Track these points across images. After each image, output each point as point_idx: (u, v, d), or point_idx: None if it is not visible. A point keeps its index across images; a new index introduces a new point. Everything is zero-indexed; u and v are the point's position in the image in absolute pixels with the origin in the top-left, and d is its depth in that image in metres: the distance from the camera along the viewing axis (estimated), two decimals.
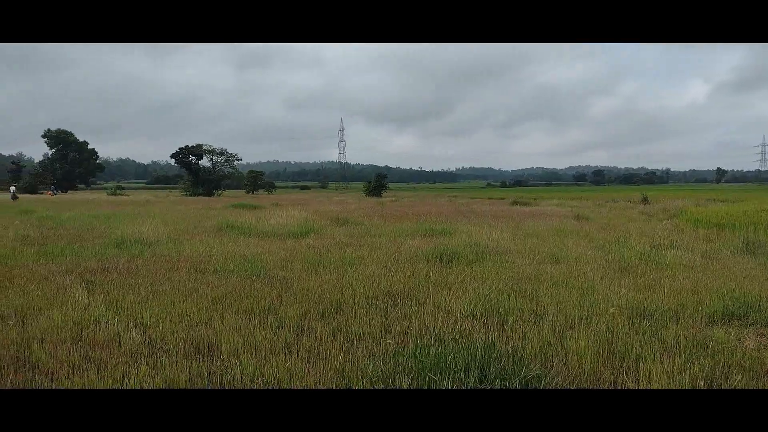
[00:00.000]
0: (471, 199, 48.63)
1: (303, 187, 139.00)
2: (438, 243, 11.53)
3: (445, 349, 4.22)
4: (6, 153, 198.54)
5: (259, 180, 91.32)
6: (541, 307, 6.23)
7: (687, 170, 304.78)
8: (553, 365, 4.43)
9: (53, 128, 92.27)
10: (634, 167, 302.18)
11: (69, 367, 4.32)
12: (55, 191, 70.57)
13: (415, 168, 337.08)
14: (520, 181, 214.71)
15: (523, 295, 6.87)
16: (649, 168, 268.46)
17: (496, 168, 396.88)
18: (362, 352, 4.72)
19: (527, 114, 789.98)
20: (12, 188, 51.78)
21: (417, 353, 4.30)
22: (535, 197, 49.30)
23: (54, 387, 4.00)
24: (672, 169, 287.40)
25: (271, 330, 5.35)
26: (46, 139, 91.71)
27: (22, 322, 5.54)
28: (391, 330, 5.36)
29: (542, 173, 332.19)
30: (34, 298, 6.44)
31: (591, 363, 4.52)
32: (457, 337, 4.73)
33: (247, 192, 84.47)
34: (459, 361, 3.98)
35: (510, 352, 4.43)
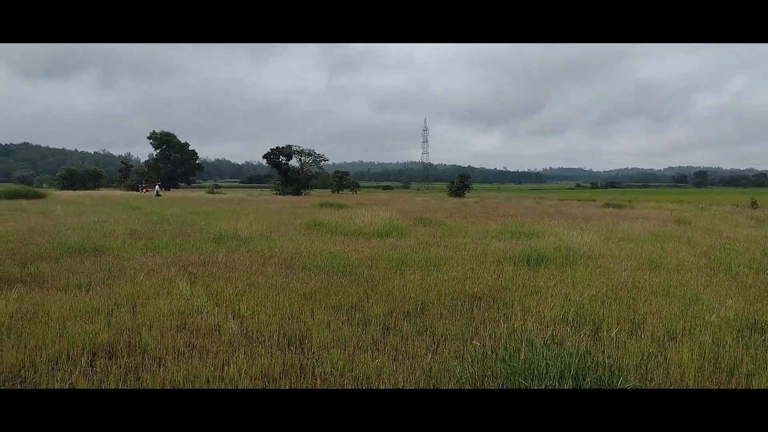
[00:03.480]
0: (559, 200, 46.89)
1: (386, 187, 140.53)
2: (525, 245, 11.23)
3: (536, 355, 4.11)
4: (116, 153, 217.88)
5: (344, 180, 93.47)
6: (638, 316, 5.89)
7: None
8: (653, 378, 4.19)
9: (158, 130, 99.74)
10: (741, 168, 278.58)
11: (175, 353, 4.64)
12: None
13: (500, 168, 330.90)
14: (613, 182, 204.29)
15: (619, 302, 6.53)
16: (759, 169, 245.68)
17: (587, 168, 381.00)
18: (449, 353, 4.70)
19: (623, 112, 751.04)
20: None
21: (506, 357, 4.22)
22: (629, 199, 46.70)
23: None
24: None
25: (359, 327, 5.46)
26: (151, 141, 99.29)
27: (133, 309, 6.02)
28: (477, 332, 5.29)
29: (638, 174, 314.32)
30: (142, 288, 6.98)
31: (695, 377, 4.23)
32: (548, 343, 4.58)
33: (333, 191, 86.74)
34: (551, 368, 3.86)
35: (606, 361, 4.23)
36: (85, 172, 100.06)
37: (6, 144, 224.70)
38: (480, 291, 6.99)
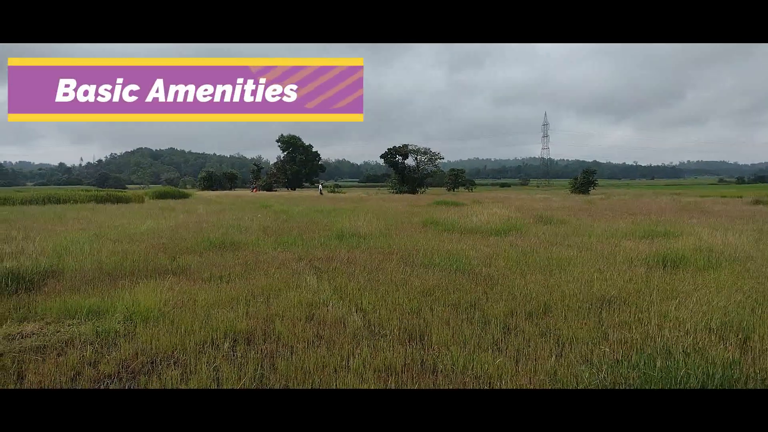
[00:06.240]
0: (699, 197, 42.60)
1: (503, 185, 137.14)
2: (660, 246, 10.39)
3: (674, 363, 3.80)
4: (249, 156, 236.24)
5: (459, 178, 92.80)
6: None
7: None
8: None
9: (285, 134, 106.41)
10: None
11: (305, 342, 4.94)
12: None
13: (629, 163, 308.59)
14: (762, 176, 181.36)
15: None
16: None
17: (731, 161, 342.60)
18: (575, 357, 4.51)
19: None
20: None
21: (640, 364, 3.95)
22: None
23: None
24: None
25: (479, 325, 5.42)
26: (279, 144, 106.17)
27: (267, 300, 6.50)
28: (607, 337, 5.01)
29: None
30: (275, 281, 7.50)
31: None
32: (688, 351, 4.21)
33: (448, 189, 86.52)
34: (692, 379, 3.55)
35: (757, 374, 3.81)
36: (222, 174, 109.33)
37: (156, 149, 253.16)
38: (609, 293, 6.61)
